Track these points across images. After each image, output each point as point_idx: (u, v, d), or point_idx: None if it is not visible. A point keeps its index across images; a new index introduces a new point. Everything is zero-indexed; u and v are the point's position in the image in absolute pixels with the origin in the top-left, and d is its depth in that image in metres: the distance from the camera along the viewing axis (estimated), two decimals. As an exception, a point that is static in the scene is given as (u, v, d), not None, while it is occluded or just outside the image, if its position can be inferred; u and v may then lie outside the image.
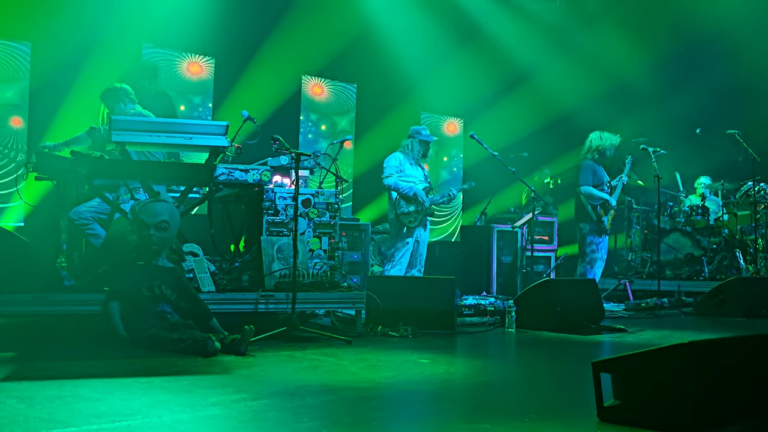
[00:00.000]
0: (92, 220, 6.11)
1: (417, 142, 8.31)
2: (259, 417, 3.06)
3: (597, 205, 9.29)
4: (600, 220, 9.25)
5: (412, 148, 8.31)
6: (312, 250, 6.53)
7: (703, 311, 8.66)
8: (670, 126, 11.99)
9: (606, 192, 9.33)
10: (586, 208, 9.31)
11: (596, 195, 9.25)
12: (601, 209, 9.28)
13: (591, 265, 9.32)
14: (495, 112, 12.60)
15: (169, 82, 10.01)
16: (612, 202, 9.28)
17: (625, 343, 6.03)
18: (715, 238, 10.91)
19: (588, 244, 9.37)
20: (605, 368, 3.09)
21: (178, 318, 5.03)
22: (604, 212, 9.28)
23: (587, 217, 9.31)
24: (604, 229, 9.27)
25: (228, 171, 6.25)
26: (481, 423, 3.02)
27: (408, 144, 8.34)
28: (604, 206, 9.28)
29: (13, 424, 2.81)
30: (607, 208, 9.28)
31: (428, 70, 12.27)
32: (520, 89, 12.64)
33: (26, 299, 4.99)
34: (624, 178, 9.53)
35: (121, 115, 6.32)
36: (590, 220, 9.29)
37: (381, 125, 11.86)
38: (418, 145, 8.32)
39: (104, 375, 3.88)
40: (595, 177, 9.34)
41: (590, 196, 9.28)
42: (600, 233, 9.29)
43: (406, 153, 8.32)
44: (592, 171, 9.37)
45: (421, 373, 4.48)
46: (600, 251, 9.37)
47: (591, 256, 9.33)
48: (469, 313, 7.68)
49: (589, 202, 9.30)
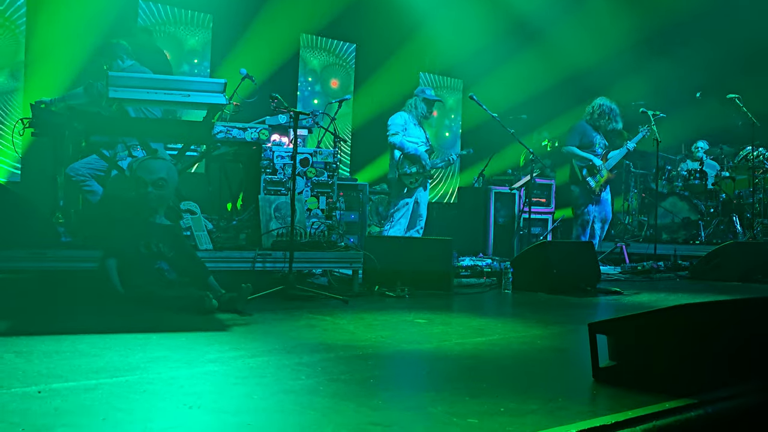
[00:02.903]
0: (89, 177, 6.10)
1: (421, 100, 8.28)
2: (256, 374, 3.08)
3: (584, 167, 9.29)
4: (585, 181, 9.25)
5: (416, 106, 8.28)
6: (309, 209, 6.53)
7: (699, 275, 8.69)
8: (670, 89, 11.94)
9: (597, 155, 9.31)
10: (575, 169, 9.33)
11: (579, 155, 9.27)
12: (587, 171, 9.28)
13: (583, 227, 9.37)
14: (495, 74, 12.50)
15: (167, 39, 9.91)
16: (597, 162, 9.25)
17: (621, 306, 6.06)
18: (713, 203, 10.92)
19: (578, 206, 9.44)
20: (601, 329, 3.11)
21: (175, 276, 5.04)
22: (590, 174, 9.27)
23: (575, 179, 9.35)
24: (592, 190, 9.27)
25: (226, 129, 6.23)
26: (478, 382, 3.04)
27: (412, 102, 8.31)
28: (590, 168, 9.28)
29: (11, 378, 2.82)
30: (592, 169, 9.27)
31: (427, 31, 12.15)
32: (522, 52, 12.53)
33: (23, 255, 4.98)
34: (630, 146, 9.53)
35: (118, 72, 6.27)
36: (578, 181, 9.33)
37: (380, 86, 11.78)
38: (423, 104, 8.28)
39: (102, 331, 3.89)
40: (583, 138, 9.33)
41: (573, 155, 9.29)
42: (588, 194, 9.30)
43: (410, 112, 8.29)
44: (581, 132, 9.38)
45: (418, 332, 4.50)
46: (591, 214, 9.39)
47: (582, 218, 9.40)
48: (466, 274, 7.71)
49: (577, 164, 9.31)
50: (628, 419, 2.44)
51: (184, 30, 10.31)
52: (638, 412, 2.51)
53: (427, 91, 8.38)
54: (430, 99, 8.34)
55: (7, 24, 8.77)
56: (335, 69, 12.10)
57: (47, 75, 8.66)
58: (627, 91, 11.49)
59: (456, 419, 2.46)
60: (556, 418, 2.49)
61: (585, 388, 3.03)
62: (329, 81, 12.00)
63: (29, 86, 8.80)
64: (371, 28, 11.69)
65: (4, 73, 8.77)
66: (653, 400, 2.67)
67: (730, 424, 2.70)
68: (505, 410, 2.59)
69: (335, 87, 11.98)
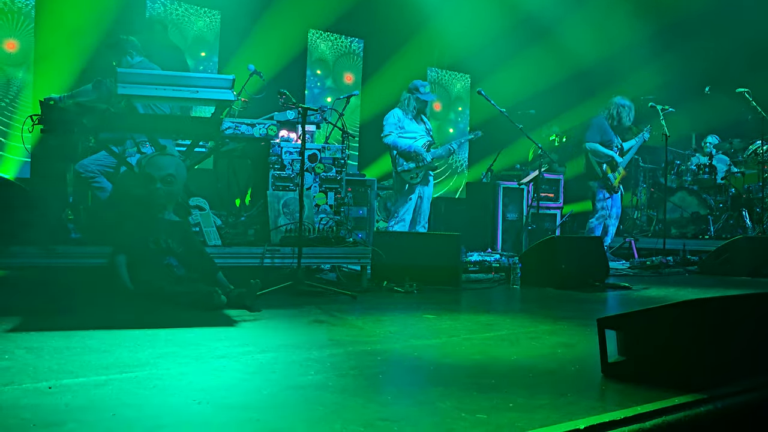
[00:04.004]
0: (98, 173, 6.12)
1: (414, 99, 8.20)
2: (265, 369, 3.08)
3: (603, 163, 9.29)
4: (606, 177, 9.27)
5: (409, 104, 8.20)
6: (318, 205, 6.53)
7: (708, 270, 8.67)
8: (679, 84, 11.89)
9: (615, 151, 9.33)
10: (593, 165, 9.33)
11: (602, 152, 9.26)
12: (607, 167, 9.29)
13: (600, 221, 9.37)
14: (503, 69, 12.48)
15: (175, 35, 9.93)
16: (618, 159, 9.28)
17: (630, 301, 6.05)
18: (722, 197, 10.88)
19: (598, 200, 9.45)
20: (610, 325, 3.10)
21: (184, 271, 5.06)
22: (611, 170, 9.29)
23: (595, 174, 9.35)
24: (612, 186, 9.29)
25: (234, 125, 6.23)
26: (486, 378, 3.04)
27: (405, 99, 8.23)
28: (610, 164, 9.30)
29: (22, 374, 2.84)
30: (613, 165, 9.29)
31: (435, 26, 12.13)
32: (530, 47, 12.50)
33: (33, 252, 5.01)
34: (639, 141, 9.53)
35: (127, 68, 6.28)
36: (597, 177, 9.33)
37: (388, 82, 11.77)
38: (415, 102, 8.20)
39: (111, 327, 3.90)
40: (604, 135, 9.33)
41: (595, 152, 9.29)
42: (608, 190, 9.32)
43: (404, 108, 8.22)
44: (601, 129, 9.38)
45: (426, 328, 4.50)
46: (609, 209, 9.41)
47: (601, 213, 9.41)
48: (474, 269, 7.71)
49: (595, 160, 9.30)
50: (638, 414, 2.44)
51: (192, 26, 10.32)
52: (647, 407, 2.51)
53: (421, 89, 8.26)
54: (424, 99, 8.24)
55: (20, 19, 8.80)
56: (343, 64, 12.10)
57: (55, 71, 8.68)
58: (636, 85, 11.45)
59: (465, 414, 2.46)
60: (565, 413, 2.49)
61: (594, 383, 3.02)
62: (337, 76, 12.00)
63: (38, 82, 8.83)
64: (379, 24, 11.69)
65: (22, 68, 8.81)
66: (662, 396, 2.67)
67: (740, 420, 2.70)
68: (513, 405, 2.59)
69: (343, 82, 11.97)
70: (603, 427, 2.32)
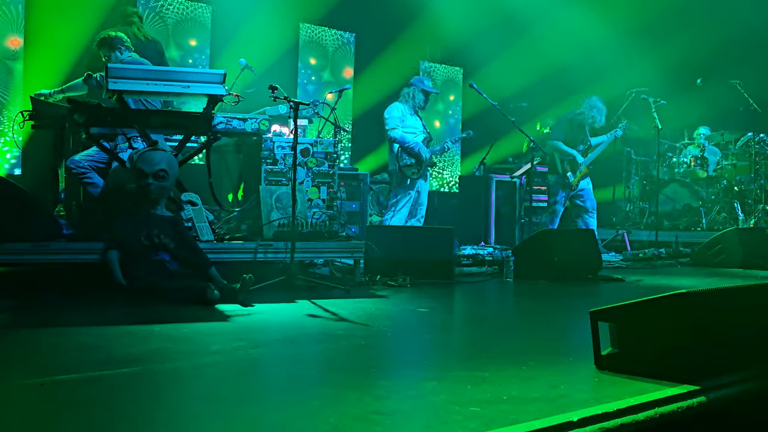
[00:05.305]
0: (90, 169, 6.08)
1: (419, 91, 8.21)
2: (259, 364, 3.09)
3: (564, 160, 9.25)
4: (564, 175, 9.22)
5: (413, 97, 8.21)
6: (311, 199, 6.53)
7: (700, 262, 8.69)
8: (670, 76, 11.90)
9: (579, 150, 9.26)
10: (555, 160, 9.30)
11: (563, 149, 9.23)
12: (568, 165, 9.24)
13: (552, 216, 9.33)
14: (495, 62, 12.47)
15: (165, 30, 9.89)
16: (579, 159, 9.21)
17: (623, 293, 6.06)
18: (714, 189, 10.91)
19: (551, 195, 9.43)
20: (603, 317, 3.10)
21: (177, 267, 5.04)
22: (571, 169, 9.23)
23: (554, 169, 9.33)
24: (569, 184, 9.23)
25: (226, 120, 6.22)
26: (480, 371, 3.04)
27: (409, 92, 8.24)
28: (571, 162, 9.24)
29: (16, 370, 2.83)
30: (574, 165, 9.23)
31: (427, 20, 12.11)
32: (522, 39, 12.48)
33: (25, 248, 4.98)
34: (609, 138, 9.48)
35: (117, 64, 6.26)
36: (556, 172, 9.30)
37: (380, 76, 11.75)
38: (420, 94, 8.22)
39: (104, 323, 3.89)
40: (570, 133, 9.29)
41: (557, 149, 9.25)
42: (564, 188, 9.26)
43: (406, 102, 8.22)
44: (568, 127, 9.34)
45: (419, 321, 4.51)
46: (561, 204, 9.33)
47: (553, 207, 9.37)
48: (468, 262, 7.71)
49: (559, 157, 9.27)
50: (631, 406, 2.45)
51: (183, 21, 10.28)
52: (640, 399, 2.52)
53: (425, 82, 8.31)
54: (429, 91, 8.28)
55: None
56: (335, 58, 12.07)
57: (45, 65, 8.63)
58: (628, 77, 11.45)
59: (458, 408, 2.46)
60: (558, 405, 2.50)
61: (587, 375, 3.03)
62: (329, 70, 11.98)
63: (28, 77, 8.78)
64: (371, 17, 11.65)
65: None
66: (655, 387, 2.68)
67: (733, 411, 2.71)
68: (507, 398, 2.60)
69: (335, 76, 11.95)
70: (596, 419, 2.32)
